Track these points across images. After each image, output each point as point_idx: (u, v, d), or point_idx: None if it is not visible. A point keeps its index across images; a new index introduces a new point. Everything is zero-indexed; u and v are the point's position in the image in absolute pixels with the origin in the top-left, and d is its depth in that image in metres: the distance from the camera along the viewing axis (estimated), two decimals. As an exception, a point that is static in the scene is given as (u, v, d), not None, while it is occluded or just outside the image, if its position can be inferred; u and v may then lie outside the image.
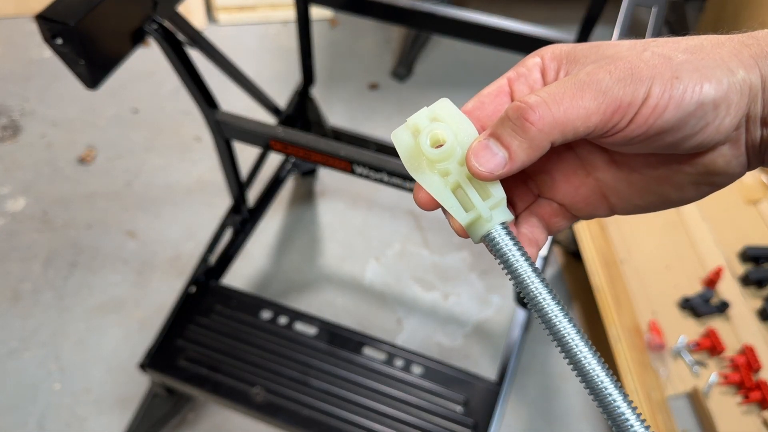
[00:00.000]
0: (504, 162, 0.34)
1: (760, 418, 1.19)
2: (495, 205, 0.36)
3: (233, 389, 1.08)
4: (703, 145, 0.34)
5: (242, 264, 1.53)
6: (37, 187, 1.65)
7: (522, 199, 0.40)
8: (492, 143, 0.34)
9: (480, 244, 0.51)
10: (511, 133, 0.34)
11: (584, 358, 0.34)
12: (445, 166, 0.36)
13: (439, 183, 0.36)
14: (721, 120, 0.33)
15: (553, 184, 0.40)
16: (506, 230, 0.36)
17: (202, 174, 1.70)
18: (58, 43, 0.71)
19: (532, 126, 0.33)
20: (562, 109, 0.33)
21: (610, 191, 0.39)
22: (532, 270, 0.35)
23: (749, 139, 0.35)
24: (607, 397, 0.33)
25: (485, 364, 1.39)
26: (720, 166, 0.35)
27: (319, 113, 1.38)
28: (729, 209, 1.47)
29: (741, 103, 0.33)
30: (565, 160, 0.39)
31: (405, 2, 1.01)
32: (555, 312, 0.34)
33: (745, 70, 0.33)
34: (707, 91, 0.32)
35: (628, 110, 0.32)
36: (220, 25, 2.10)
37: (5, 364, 1.35)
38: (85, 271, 1.50)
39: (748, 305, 1.32)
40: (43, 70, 1.93)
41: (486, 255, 1.56)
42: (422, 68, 1.99)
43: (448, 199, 0.36)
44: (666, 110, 0.32)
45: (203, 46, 0.98)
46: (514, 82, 0.37)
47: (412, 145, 0.36)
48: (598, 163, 0.38)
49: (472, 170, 0.34)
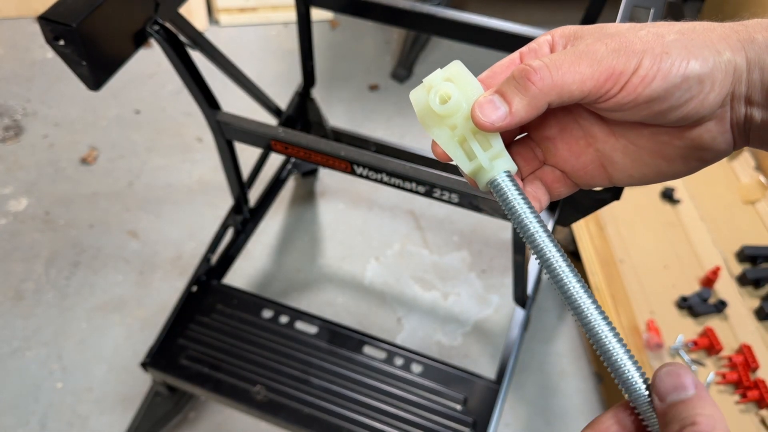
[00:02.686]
0: (505, 115, 0.38)
1: (757, 417, 1.19)
2: (495, 155, 0.39)
3: (234, 388, 1.09)
4: (689, 117, 0.37)
5: (243, 264, 1.53)
6: (39, 187, 1.66)
7: (528, 164, 0.44)
8: (496, 98, 0.38)
9: (479, 246, 0.53)
10: (514, 91, 0.37)
11: (579, 296, 0.37)
12: (453, 121, 0.39)
13: (447, 136, 0.40)
14: (705, 95, 0.36)
15: (557, 152, 0.43)
16: (510, 178, 0.39)
17: (203, 174, 1.71)
18: (61, 45, 0.71)
19: (533, 85, 0.37)
20: (560, 73, 0.36)
21: (608, 161, 0.42)
22: (532, 213, 0.39)
23: (734, 117, 0.38)
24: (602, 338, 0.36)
25: (484, 362, 1.40)
26: (706, 141, 0.38)
27: (320, 114, 1.39)
28: (727, 209, 1.48)
29: (725, 82, 0.36)
30: (568, 130, 0.42)
31: (405, 4, 1.02)
32: (553, 253, 0.38)
33: (732, 52, 0.36)
34: (693, 67, 0.35)
35: (620, 78, 0.36)
36: (222, 27, 2.11)
37: (7, 363, 1.36)
38: (87, 271, 1.51)
39: (746, 304, 1.32)
40: (46, 71, 1.94)
41: (485, 255, 1.57)
42: (422, 69, 2.00)
43: (455, 150, 0.40)
44: (654, 81, 0.35)
45: (204, 47, 0.99)
46: (525, 55, 0.41)
47: (425, 103, 0.40)
48: (597, 134, 0.42)
49: (475, 120, 0.38)
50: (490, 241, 1.59)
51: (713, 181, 1.54)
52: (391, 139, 1.54)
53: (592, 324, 0.36)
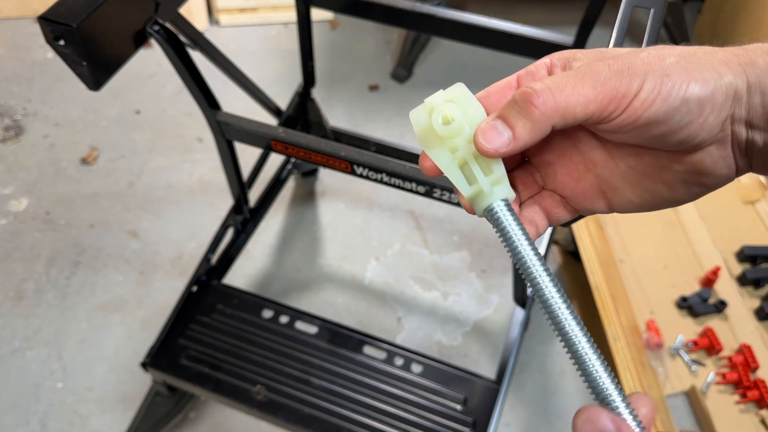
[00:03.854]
0: (508, 141, 0.37)
1: (757, 417, 1.19)
2: (496, 181, 0.39)
3: (235, 388, 1.09)
4: (688, 141, 0.37)
5: (244, 263, 1.54)
6: (39, 188, 1.66)
7: (527, 188, 0.44)
8: (499, 123, 0.37)
9: (479, 246, 0.53)
10: (517, 115, 0.37)
11: (571, 329, 0.36)
12: (454, 143, 0.39)
13: (447, 158, 0.39)
14: (705, 118, 0.36)
15: (556, 177, 0.43)
16: (507, 206, 0.39)
17: (203, 174, 1.71)
18: (61, 45, 0.71)
19: (536, 109, 0.36)
20: (564, 95, 0.36)
21: (607, 187, 0.41)
22: (527, 242, 0.38)
23: (735, 141, 0.37)
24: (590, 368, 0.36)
25: (484, 362, 1.40)
26: (707, 165, 0.38)
27: (320, 114, 1.39)
28: (727, 209, 1.48)
29: (725, 105, 0.36)
30: (567, 155, 0.42)
31: (405, 4, 1.02)
32: (546, 284, 0.37)
33: (733, 75, 0.35)
34: (693, 90, 0.35)
35: (622, 101, 0.35)
36: (222, 27, 2.11)
37: (8, 363, 1.36)
38: (88, 271, 1.51)
39: (746, 304, 1.32)
40: (46, 71, 1.94)
41: (485, 255, 1.57)
42: (422, 70, 2.00)
43: (455, 173, 0.39)
44: (654, 104, 0.35)
45: (205, 47, 0.99)
46: (523, 78, 0.41)
47: (426, 123, 0.40)
48: (597, 159, 0.41)
49: (478, 147, 0.37)
50: (490, 241, 1.59)
51: (713, 181, 1.54)
52: (391, 139, 1.54)
53: (581, 353, 0.36)
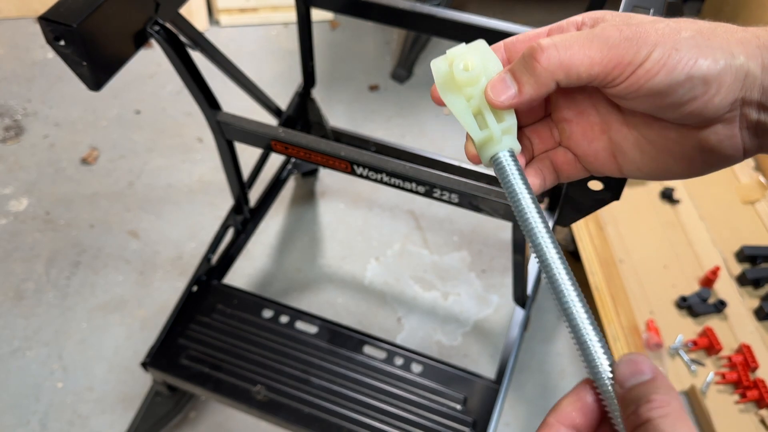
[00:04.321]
0: (514, 95, 0.39)
1: (757, 417, 1.20)
2: (506, 129, 0.41)
3: (235, 387, 1.09)
4: (692, 117, 0.37)
5: (244, 263, 1.54)
6: (39, 188, 1.66)
7: (544, 142, 0.45)
8: (508, 77, 0.39)
9: (479, 246, 0.54)
10: (523, 70, 0.39)
11: (559, 275, 0.38)
12: (470, 92, 0.41)
13: (463, 105, 0.41)
14: (710, 97, 0.36)
15: (572, 135, 0.44)
16: (513, 157, 0.41)
17: (203, 174, 1.71)
18: (61, 45, 0.71)
19: (539, 64, 0.37)
20: (569, 53, 0.37)
21: (619, 151, 0.42)
22: (528, 193, 0.40)
23: (744, 123, 0.37)
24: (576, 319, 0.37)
25: (484, 362, 1.40)
26: (713, 143, 0.38)
27: (320, 114, 1.39)
28: (726, 209, 1.48)
29: (734, 86, 0.35)
30: (586, 114, 0.43)
31: (405, 4, 1.02)
32: (543, 234, 0.39)
33: (746, 57, 0.35)
34: (700, 67, 0.35)
35: (627, 68, 0.36)
36: (222, 27, 2.11)
37: (8, 363, 1.36)
38: (88, 271, 1.51)
39: (745, 304, 1.33)
40: (46, 72, 1.94)
41: (485, 255, 1.57)
42: (422, 70, 2.00)
43: (468, 118, 0.41)
44: (657, 75, 0.35)
45: (205, 47, 0.99)
46: (553, 31, 0.42)
47: (446, 72, 0.42)
48: (613, 123, 0.42)
49: (487, 97, 0.40)
50: (490, 241, 1.59)
51: (713, 181, 1.54)
52: (391, 140, 1.54)
53: (568, 305, 0.37)
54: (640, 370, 0.34)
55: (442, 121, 1.87)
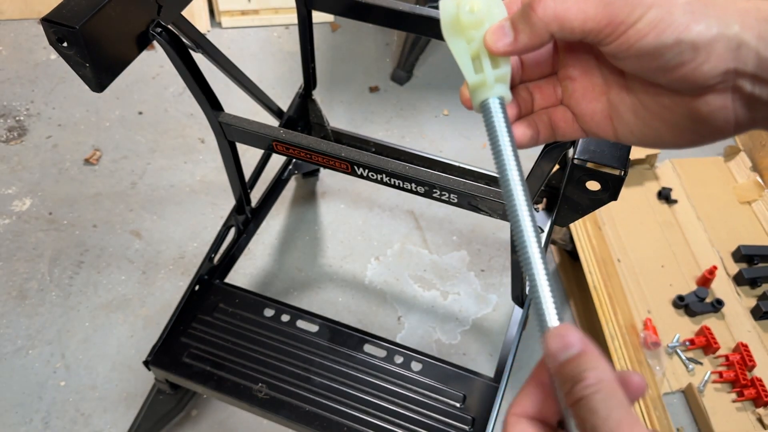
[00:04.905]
0: (510, 42, 0.40)
1: (754, 415, 1.20)
2: (500, 77, 0.42)
3: (236, 386, 1.10)
4: (682, 83, 0.37)
5: (245, 263, 1.55)
6: (42, 188, 1.67)
7: (545, 98, 0.46)
8: (506, 24, 0.40)
9: (478, 245, 0.54)
10: (520, 19, 0.40)
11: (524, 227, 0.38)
12: (472, 34, 0.42)
13: (463, 47, 0.42)
14: (698, 64, 0.35)
15: (573, 93, 0.45)
16: (502, 106, 0.42)
17: (205, 175, 1.73)
18: (64, 47, 0.71)
19: (535, 14, 0.38)
20: (564, 6, 0.38)
21: (615, 114, 0.43)
22: (509, 142, 0.41)
23: (738, 95, 0.37)
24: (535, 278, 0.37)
25: (483, 361, 1.41)
26: (704, 113, 0.38)
27: (321, 115, 1.40)
28: (723, 209, 1.49)
29: (725, 56, 0.35)
30: (590, 74, 0.44)
31: (405, 7, 1.03)
32: (516, 182, 0.40)
33: (742, 27, 0.35)
34: (690, 31, 0.35)
35: (619, 27, 0.36)
36: (223, 29, 2.13)
37: (11, 361, 1.37)
38: (91, 270, 1.52)
39: (742, 304, 1.34)
40: (49, 73, 1.95)
41: (484, 254, 1.58)
42: (422, 72, 2.01)
43: (466, 60, 0.42)
44: (646, 36, 0.36)
45: (207, 49, 1.00)
46: None
47: (453, 12, 0.42)
48: (613, 85, 0.43)
49: (485, 42, 0.41)
50: (489, 240, 1.61)
51: (710, 181, 1.55)
52: (391, 140, 1.55)
53: (526, 251, 0.38)
54: (569, 343, 0.34)
55: (442, 122, 1.88)
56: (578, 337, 0.34)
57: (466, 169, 1.30)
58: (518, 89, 0.45)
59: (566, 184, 0.85)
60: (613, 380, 0.33)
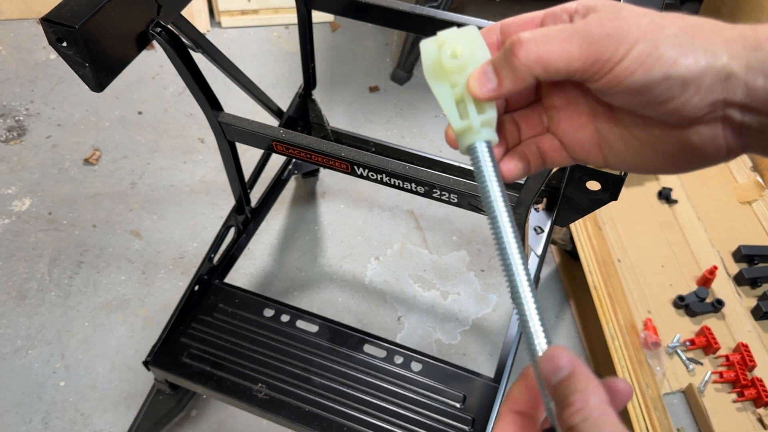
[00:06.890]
0: (494, 87, 0.39)
1: (754, 415, 1.20)
2: (486, 122, 0.41)
3: (236, 386, 1.10)
4: (672, 116, 0.37)
5: (245, 263, 1.55)
6: (42, 188, 1.67)
7: (532, 128, 0.45)
8: (489, 69, 0.40)
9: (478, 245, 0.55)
10: (502, 63, 0.39)
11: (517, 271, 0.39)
12: (456, 79, 0.41)
13: (447, 92, 0.42)
14: (688, 97, 0.35)
15: (560, 122, 0.44)
16: (489, 149, 0.41)
17: (205, 175, 1.72)
18: (63, 46, 0.71)
19: (517, 59, 0.37)
20: (547, 48, 0.37)
21: (604, 142, 0.42)
22: (498, 184, 0.41)
23: (728, 124, 0.36)
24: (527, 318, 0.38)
25: (483, 361, 1.41)
26: (695, 143, 0.38)
27: (321, 115, 1.40)
28: (724, 209, 1.49)
29: (714, 88, 0.35)
30: (574, 103, 0.43)
31: (405, 6, 1.03)
32: (506, 227, 0.40)
33: (729, 58, 0.34)
34: (678, 67, 0.34)
35: (606, 65, 0.36)
36: (223, 29, 2.13)
37: (11, 362, 1.37)
38: (91, 270, 1.52)
39: (743, 304, 1.33)
40: (49, 73, 1.95)
41: (484, 254, 1.58)
42: (421, 71, 2.00)
43: (450, 105, 0.42)
44: (634, 73, 0.35)
45: (207, 49, 1.00)
46: (547, 18, 0.42)
47: (435, 56, 0.42)
48: (600, 114, 0.42)
49: (468, 88, 0.40)
50: (489, 240, 1.60)
51: (710, 181, 1.55)
52: (391, 140, 1.55)
53: (517, 289, 0.38)
54: (559, 366, 0.34)
55: (441, 122, 1.88)
56: (567, 359, 0.35)
57: (467, 169, 1.30)
58: (504, 120, 0.45)
59: (566, 184, 0.85)
60: (601, 401, 0.33)
